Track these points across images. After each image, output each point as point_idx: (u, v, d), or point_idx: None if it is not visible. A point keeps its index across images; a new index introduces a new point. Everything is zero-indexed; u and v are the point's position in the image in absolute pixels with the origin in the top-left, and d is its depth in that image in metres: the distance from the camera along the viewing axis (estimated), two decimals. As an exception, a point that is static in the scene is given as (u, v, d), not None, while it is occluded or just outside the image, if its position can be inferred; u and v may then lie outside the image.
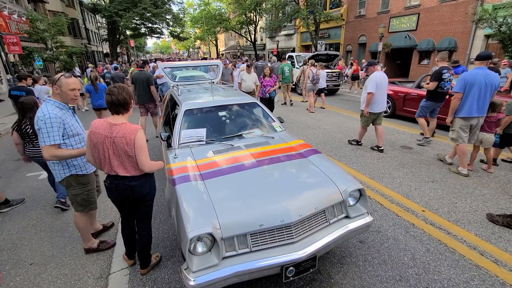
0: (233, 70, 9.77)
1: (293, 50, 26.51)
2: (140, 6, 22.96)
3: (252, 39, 30.95)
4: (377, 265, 2.39)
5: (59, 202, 3.43)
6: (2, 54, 9.55)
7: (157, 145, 5.58)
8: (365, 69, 5.11)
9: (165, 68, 4.79)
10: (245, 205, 1.91)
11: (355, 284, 2.20)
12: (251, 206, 1.89)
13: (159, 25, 28.83)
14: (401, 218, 3.07)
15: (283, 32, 28.04)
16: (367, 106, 4.84)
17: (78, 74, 16.08)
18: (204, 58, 29.61)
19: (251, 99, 3.54)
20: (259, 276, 1.83)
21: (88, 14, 34.00)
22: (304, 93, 9.03)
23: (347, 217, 2.15)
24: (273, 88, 6.76)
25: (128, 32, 30.02)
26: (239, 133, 3.07)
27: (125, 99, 1.90)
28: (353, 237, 2.51)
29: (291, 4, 20.72)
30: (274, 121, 3.38)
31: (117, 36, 27.56)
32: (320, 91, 8.97)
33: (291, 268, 1.81)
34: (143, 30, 29.45)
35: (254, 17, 29.21)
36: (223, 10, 33.82)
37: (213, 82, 4.61)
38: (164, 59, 29.80)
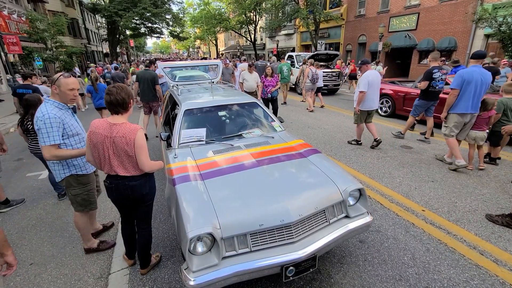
0: (234, 70, 9.73)
1: (293, 50, 26.51)
2: (140, 6, 22.97)
3: (252, 39, 30.94)
4: (377, 265, 2.39)
5: (60, 194, 3.67)
6: (2, 54, 9.53)
7: (157, 145, 5.58)
8: (359, 68, 5.23)
9: (165, 68, 4.79)
10: (245, 205, 1.91)
11: (355, 284, 2.20)
12: (251, 206, 1.89)
13: (159, 25, 28.84)
14: (401, 217, 3.08)
15: (283, 32, 28.03)
16: (358, 104, 5.00)
17: (78, 74, 16.07)
18: (204, 58, 29.61)
19: (251, 99, 3.54)
20: (259, 276, 1.84)
21: (88, 14, 34.00)
22: (304, 92, 9.03)
23: (347, 216, 2.15)
24: (275, 88, 6.70)
25: (128, 32, 30.02)
26: (239, 133, 3.06)
27: (123, 99, 1.90)
28: (353, 237, 2.51)
29: (291, 4, 20.72)
30: (274, 120, 3.38)
31: (117, 36, 27.56)
32: (317, 90, 9.07)
33: (291, 268, 1.81)
34: (143, 30, 29.46)
35: (254, 17, 29.20)
36: (223, 9, 33.82)
37: (213, 82, 4.61)
38: (161, 59, 29.81)
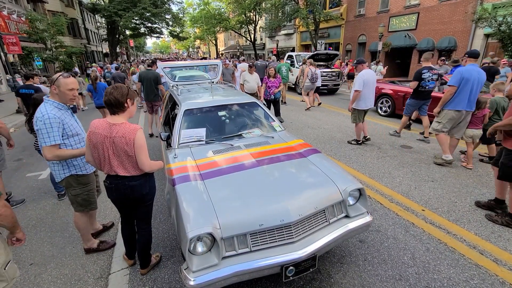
0: (234, 70, 9.63)
1: (293, 50, 26.51)
2: (140, 6, 22.95)
3: (252, 39, 30.93)
4: (377, 265, 2.39)
5: (60, 194, 3.69)
6: (2, 54, 9.52)
7: (157, 145, 5.58)
8: (355, 67, 5.33)
9: (165, 68, 4.79)
10: (245, 205, 1.91)
11: (355, 284, 2.20)
12: (251, 206, 1.89)
13: (159, 25, 28.81)
14: (401, 217, 3.08)
15: (283, 32, 28.03)
16: (352, 103, 5.12)
17: (78, 74, 16.08)
18: (203, 58, 29.60)
19: (250, 99, 3.54)
20: (259, 276, 1.84)
21: (87, 14, 33.99)
22: (303, 92, 9.04)
23: (347, 216, 2.15)
24: (278, 89, 6.59)
25: (127, 32, 30.01)
26: (239, 133, 3.06)
27: (116, 99, 1.87)
28: (353, 237, 2.51)
29: (291, 4, 20.71)
30: (274, 120, 3.38)
31: (117, 36, 27.55)
32: (316, 89, 9.15)
33: (291, 267, 1.81)
34: (142, 30, 29.43)
35: (254, 17, 29.20)
36: (222, 9, 33.81)
37: (213, 82, 4.61)
38: (161, 59, 29.76)
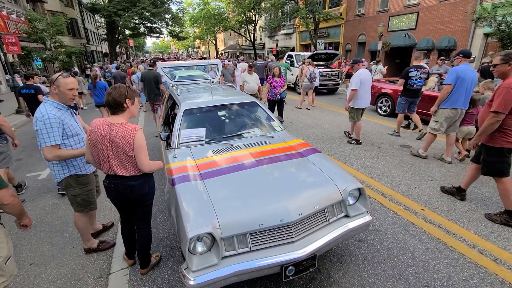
0: (234, 70, 9.52)
1: (293, 49, 26.50)
2: (139, 5, 22.91)
3: (252, 39, 30.91)
4: (376, 264, 2.40)
5: (60, 188, 3.72)
6: (1, 54, 9.51)
7: (157, 145, 5.58)
8: (351, 66, 5.41)
9: (164, 67, 4.79)
10: (244, 204, 1.91)
11: (355, 283, 2.20)
12: (251, 206, 1.89)
13: (158, 25, 28.76)
14: (400, 217, 3.08)
15: (283, 31, 28.01)
16: (348, 101, 5.19)
17: (78, 74, 16.07)
18: (203, 58, 29.59)
19: (250, 99, 3.53)
20: (259, 276, 1.84)
21: (87, 13, 33.95)
22: (303, 92, 9.03)
23: (346, 216, 2.15)
24: (283, 89, 6.37)
25: (127, 32, 29.96)
26: (239, 133, 3.06)
27: (114, 99, 1.88)
28: (352, 236, 2.51)
29: (290, 3, 20.69)
30: (274, 120, 3.38)
31: (116, 36, 27.51)
32: (314, 89, 9.15)
33: (291, 267, 1.81)
34: (142, 29, 29.38)
35: (253, 16, 29.18)
36: (222, 9, 33.79)
37: (213, 82, 4.60)
38: (160, 59, 29.61)
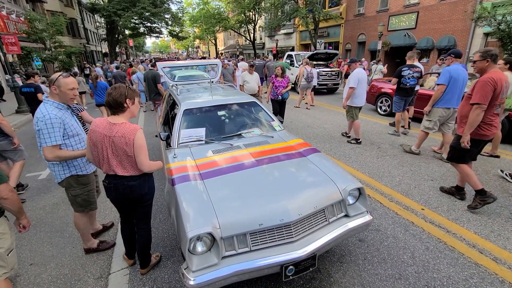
0: (235, 69, 9.34)
1: (292, 49, 26.48)
2: (139, 5, 22.89)
3: (251, 38, 30.90)
4: (376, 264, 2.40)
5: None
6: (1, 54, 9.49)
7: (157, 145, 5.58)
8: (348, 65, 5.47)
9: (164, 67, 4.78)
10: (244, 204, 1.91)
11: (355, 283, 2.20)
12: (251, 206, 1.89)
13: (158, 25, 28.75)
14: (400, 216, 3.08)
15: (282, 31, 27.99)
16: (346, 99, 5.27)
17: (78, 74, 16.07)
18: (203, 58, 29.58)
19: (250, 98, 3.53)
20: (259, 275, 1.84)
21: (86, 13, 33.92)
22: (301, 91, 9.04)
23: (346, 216, 2.15)
24: (286, 89, 6.11)
25: (127, 32, 29.93)
26: (239, 133, 3.06)
27: (115, 99, 1.88)
28: (352, 236, 2.51)
29: (290, 3, 20.67)
30: (274, 120, 3.38)
31: (116, 36, 27.50)
32: (312, 88, 9.17)
33: (291, 267, 1.81)
34: (142, 29, 29.37)
35: (253, 16, 29.16)
36: (222, 9, 33.77)
37: (212, 82, 4.60)
38: (160, 59, 29.55)
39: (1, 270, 1.66)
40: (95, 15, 33.47)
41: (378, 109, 7.96)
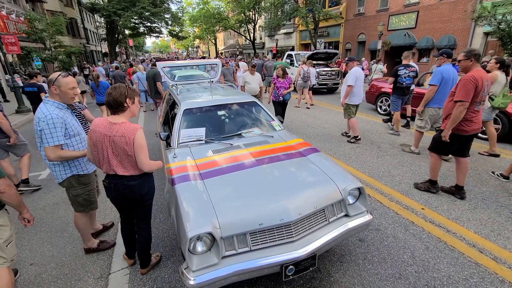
0: (236, 70, 9.05)
1: (292, 49, 26.48)
2: (139, 5, 22.89)
3: (251, 38, 30.89)
4: (376, 263, 2.40)
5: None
6: (1, 54, 9.49)
7: (157, 145, 5.58)
8: (346, 64, 5.54)
9: (164, 67, 4.78)
10: (244, 204, 1.91)
11: (355, 282, 2.20)
12: (251, 205, 1.89)
13: (158, 24, 28.76)
14: (400, 216, 3.08)
15: (282, 31, 27.98)
16: (345, 97, 5.34)
17: (78, 73, 16.07)
18: (202, 57, 29.56)
19: (250, 98, 3.53)
20: (259, 275, 1.84)
21: (86, 13, 33.91)
22: (299, 91, 9.04)
23: (346, 215, 2.15)
24: (288, 90, 5.89)
25: (126, 32, 29.95)
26: (239, 132, 3.06)
27: (115, 99, 1.88)
28: (352, 236, 2.51)
29: (290, 3, 20.67)
30: (274, 120, 3.38)
31: (116, 36, 27.49)
32: (310, 88, 9.21)
33: (291, 266, 1.81)
34: (141, 29, 29.38)
35: (253, 16, 29.15)
36: (222, 8, 33.77)
37: (212, 81, 4.60)
38: (159, 59, 29.49)
39: (0, 259, 1.77)
40: (95, 15, 33.49)
41: (378, 109, 7.96)
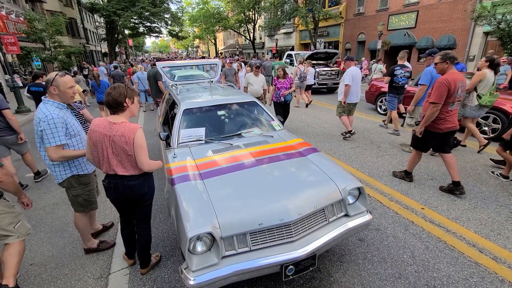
0: (238, 70, 8.83)
1: (292, 49, 26.48)
2: (139, 5, 22.86)
3: (251, 38, 30.89)
4: (376, 263, 2.40)
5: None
6: (0, 54, 9.49)
7: (157, 145, 5.58)
8: (344, 63, 5.60)
9: (164, 67, 4.78)
10: (244, 204, 1.91)
11: (355, 282, 2.20)
12: (251, 205, 1.89)
13: (158, 24, 28.73)
14: (400, 216, 3.08)
15: (282, 31, 27.98)
16: (345, 96, 5.42)
17: (78, 73, 16.04)
18: (202, 57, 29.59)
19: (250, 98, 3.53)
20: (259, 275, 1.84)
21: (86, 13, 33.89)
22: (296, 90, 9.04)
23: (346, 215, 2.15)
24: (289, 91, 5.74)
25: (126, 32, 29.93)
26: (238, 132, 3.06)
27: (114, 99, 1.88)
28: (352, 235, 2.51)
29: (290, 2, 20.68)
30: (273, 120, 3.37)
31: (116, 36, 27.46)
32: (307, 87, 9.30)
33: (291, 266, 1.81)
34: (141, 29, 29.35)
35: (253, 16, 29.15)
36: (221, 8, 33.76)
37: (212, 81, 4.59)
38: (159, 59, 29.43)
39: (10, 237, 2.03)
40: (95, 15, 33.44)
41: (378, 109, 7.96)
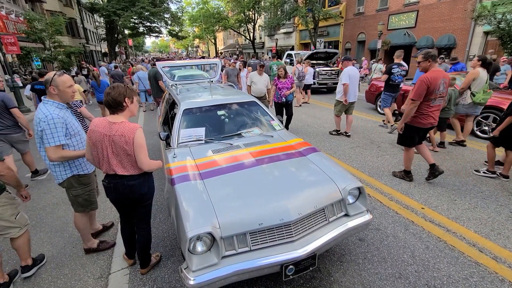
0: (240, 70, 8.75)
1: (292, 48, 26.47)
2: (138, 5, 22.83)
3: (251, 38, 30.88)
4: (376, 263, 2.40)
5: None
6: (0, 54, 9.48)
7: (157, 144, 5.57)
8: (341, 63, 5.71)
9: (164, 67, 4.77)
10: (244, 204, 1.91)
11: (355, 282, 2.20)
12: (251, 205, 1.89)
13: (158, 24, 28.70)
14: (400, 215, 3.08)
15: (282, 30, 27.96)
16: (345, 95, 5.51)
17: (78, 73, 16.03)
18: (202, 57, 29.59)
19: (250, 98, 3.53)
20: (259, 275, 1.84)
21: (86, 13, 33.87)
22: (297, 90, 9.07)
23: (346, 215, 2.15)
24: (290, 91, 5.71)
25: (126, 31, 29.90)
26: (238, 132, 3.06)
27: (114, 99, 1.88)
28: (352, 235, 2.52)
29: (290, 2, 20.67)
30: (273, 119, 3.37)
31: (116, 35, 27.44)
32: (306, 86, 9.36)
33: (291, 266, 1.81)
34: (141, 29, 29.31)
35: (253, 15, 29.14)
36: (221, 8, 33.74)
37: (212, 81, 4.59)
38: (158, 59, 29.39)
39: (15, 229, 2.15)
40: (95, 15, 33.41)
41: (378, 108, 7.95)
